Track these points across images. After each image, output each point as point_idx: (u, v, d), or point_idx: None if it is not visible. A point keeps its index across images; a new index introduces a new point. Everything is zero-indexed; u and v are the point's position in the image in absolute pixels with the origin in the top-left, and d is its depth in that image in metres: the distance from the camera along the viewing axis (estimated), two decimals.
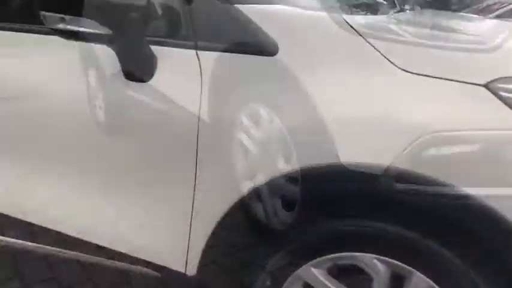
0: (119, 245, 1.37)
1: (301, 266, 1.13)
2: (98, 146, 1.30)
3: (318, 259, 1.11)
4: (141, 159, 1.26)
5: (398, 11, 1.42)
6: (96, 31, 1.14)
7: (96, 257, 1.45)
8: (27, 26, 1.34)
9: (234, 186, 1.12)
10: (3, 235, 1.57)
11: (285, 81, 1.08)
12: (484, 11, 1.72)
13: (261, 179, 1.08)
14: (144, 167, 1.26)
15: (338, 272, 1.13)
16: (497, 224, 0.92)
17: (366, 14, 1.33)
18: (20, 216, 1.49)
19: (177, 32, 1.18)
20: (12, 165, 1.46)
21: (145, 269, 1.36)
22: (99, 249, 1.40)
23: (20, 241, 1.55)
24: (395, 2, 1.49)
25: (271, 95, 1.08)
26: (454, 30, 1.44)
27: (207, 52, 1.14)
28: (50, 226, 1.45)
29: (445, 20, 1.54)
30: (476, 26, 1.52)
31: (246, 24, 1.11)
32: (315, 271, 1.13)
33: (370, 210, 1.03)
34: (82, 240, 1.41)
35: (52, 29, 1.15)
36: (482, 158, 0.95)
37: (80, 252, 1.46)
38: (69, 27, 1.13)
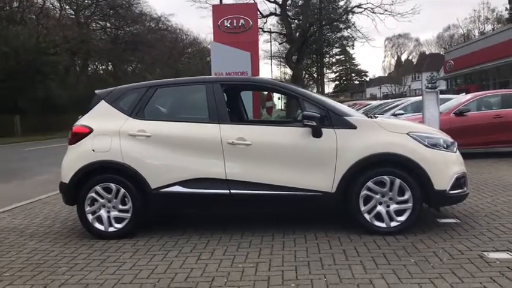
0: (299, 184, 4.35)
1: (368, 182, 4.29)
2: (289, 159, 4.41)
3: (374, 179, 4.31)
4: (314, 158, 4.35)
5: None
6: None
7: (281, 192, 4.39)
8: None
9: (354, 156, 4.28)
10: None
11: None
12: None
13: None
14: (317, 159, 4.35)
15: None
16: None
17: None
18: (260, 181, 4.39)
19: (327, 124, 4.39)
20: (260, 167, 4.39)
21: (313, 193, 4.29)
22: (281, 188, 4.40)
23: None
24: None
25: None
26: None
27: (338, 129, 4.35)
28: (274, 183, 4.37)
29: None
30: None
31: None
32: (370, 183, 4.32)
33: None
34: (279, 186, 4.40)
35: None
36: None
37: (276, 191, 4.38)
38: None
